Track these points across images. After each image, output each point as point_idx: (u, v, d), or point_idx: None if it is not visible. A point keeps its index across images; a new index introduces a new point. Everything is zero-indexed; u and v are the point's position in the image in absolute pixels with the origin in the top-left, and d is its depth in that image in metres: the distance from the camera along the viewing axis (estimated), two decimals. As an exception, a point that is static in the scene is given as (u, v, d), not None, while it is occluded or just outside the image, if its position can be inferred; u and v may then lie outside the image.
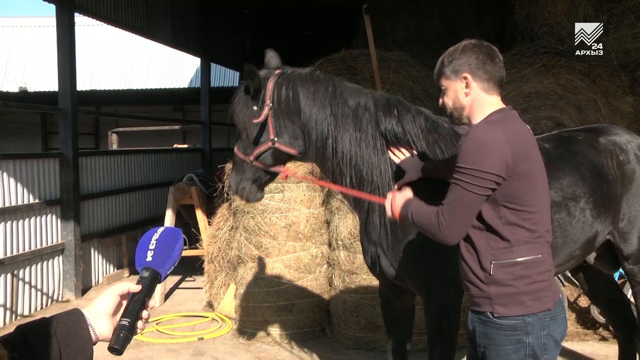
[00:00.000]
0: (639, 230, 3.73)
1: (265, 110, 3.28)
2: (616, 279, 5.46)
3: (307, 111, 3.29)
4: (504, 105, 2.53)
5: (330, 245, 6.14)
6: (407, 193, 2.73)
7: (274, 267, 6.07)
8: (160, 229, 1.77)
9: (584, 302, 5.93)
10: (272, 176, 3.50)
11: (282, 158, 3.42)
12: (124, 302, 1.63)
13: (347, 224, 5.78)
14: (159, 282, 1.70)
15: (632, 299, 4.19)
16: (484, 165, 2.31)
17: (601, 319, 5.63)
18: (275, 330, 6.11)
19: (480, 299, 2.45)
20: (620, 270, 4.44)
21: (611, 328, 4.61)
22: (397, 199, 2.69)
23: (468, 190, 2.35)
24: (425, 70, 8.23)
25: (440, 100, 2.64)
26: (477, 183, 2.33)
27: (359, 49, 8.38)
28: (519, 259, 2.38)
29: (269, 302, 6.08)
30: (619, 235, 3.73)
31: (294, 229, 6.06)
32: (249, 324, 6.21)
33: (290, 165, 6.20)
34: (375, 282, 5.13)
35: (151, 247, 1.70)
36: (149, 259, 1.68)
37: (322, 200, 6.15)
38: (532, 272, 2.38)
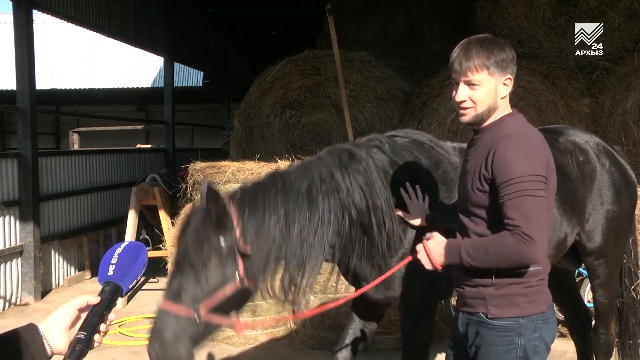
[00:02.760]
0: (602, 227, 3.80)
1: (239, 243, 2.72)
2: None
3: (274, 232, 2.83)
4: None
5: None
6: (439, 238, 2.47)
7: (238, 268, 6.03)
8: (124, 244, 1.78)
9: (543, 299, 6.05)
10: (212, 334, 2.89)
11: (242, 303, 2.85)
12: (83, 316, 1.61)
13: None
14: (121, 296, 1.70)
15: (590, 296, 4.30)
16: (537, 169, 2.29)
17: (560, 316, 5.75)
18: (239, 331, 6.07)
19: (474, 300, 2.44)
20: (579, 268, 4.56)
21: (567, 329, 4.70)
22: (434, 249, 2.44)
23: (537, 196, 2.27)
24: (389, 70, 8.30)
25: (460, 94, 2.40)
26: (539, 187, 2.27)
27: (323, 49, 8.41)
28: (529, 269, 2.34)
29: (233, 303, 6.05)
30: (584, 235, 3.79)
31: (258, 229, 6.03)
32: (213, 325, 6.17)
33: (254, 165, 6.19)
34: (340, 281, 5.13)
35: (113, 261, 1.71)
36: (110, 273, 1.68)
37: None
38: (531, 278, 2.37)
